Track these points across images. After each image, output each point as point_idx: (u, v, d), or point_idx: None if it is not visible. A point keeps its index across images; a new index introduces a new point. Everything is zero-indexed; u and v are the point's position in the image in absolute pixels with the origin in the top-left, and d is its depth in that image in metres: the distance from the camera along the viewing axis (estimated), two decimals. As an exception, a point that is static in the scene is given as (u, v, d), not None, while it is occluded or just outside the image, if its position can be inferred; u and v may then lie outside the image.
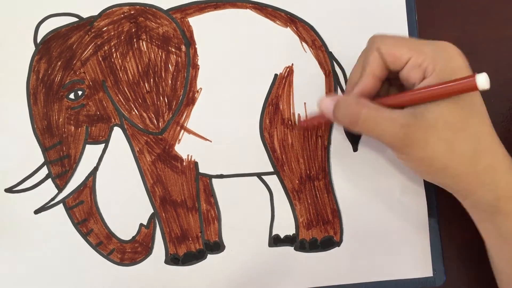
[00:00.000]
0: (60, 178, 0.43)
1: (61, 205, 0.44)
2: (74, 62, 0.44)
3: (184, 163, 0.44)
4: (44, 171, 0.43)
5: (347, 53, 0.44)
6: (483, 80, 0.31)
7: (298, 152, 0.44)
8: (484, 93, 0.45)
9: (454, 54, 0.35)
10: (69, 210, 0.43)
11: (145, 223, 0.44)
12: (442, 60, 0.34)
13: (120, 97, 0.44)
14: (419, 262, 0.44)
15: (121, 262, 0.44)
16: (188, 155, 0.44)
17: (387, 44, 0.36)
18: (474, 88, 0.32)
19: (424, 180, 0.44)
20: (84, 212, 0.44)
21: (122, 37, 0.44)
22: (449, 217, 0.44)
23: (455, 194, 0.38)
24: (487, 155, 0.35)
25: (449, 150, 0.34)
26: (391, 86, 0.40)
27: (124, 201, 0.44)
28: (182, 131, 0.44)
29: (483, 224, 0.38)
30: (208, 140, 0.44)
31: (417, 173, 0.39)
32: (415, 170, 0.38)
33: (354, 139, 0.44)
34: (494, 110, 0.44)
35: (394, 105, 0.36)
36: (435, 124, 0.34)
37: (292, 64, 0.44)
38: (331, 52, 0.45)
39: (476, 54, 0.45)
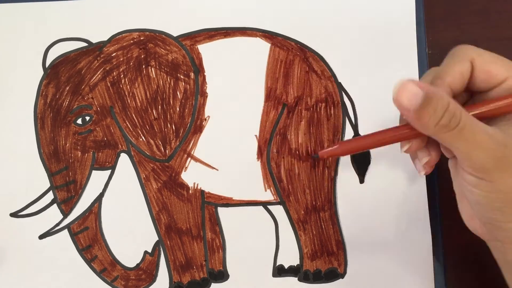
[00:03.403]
0: (66, 204, 0.43)
1: (66, 230, 0.44)
2: (83, 87, 0.44)
3: (190, 191, 0.44)
4: (50, 196, 0.43)
5: (356, 84, 0.44)
6: None
7: (305, 183, 0.44)
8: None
9: None
10: (74, 236, 0.43)
11: (149, 250, 0.44)
12: None
13: (127, 123, 0.44)
14: (423, 296, 0.44)
15: (125, 289, 0.44)
16: (194, 183, 0.44)
17: (484, 59, 0.32)
18: None
19: (429, 214, 0.44)
20: (88, 238, 0.44)
21: (131, 63, 0.44)
22: (454, 252, 0.44)
23: (494, 243, 0.34)
24: None
25: None
26: None
27: (129, 228, 0.44)
28: (189, 159, 0.44)
29: None
30: (214, 168, 0.44)
31: (485, 209, 0.32)
32: (487, 204, 0.31)
33: (361, 171, 0.44)
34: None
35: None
36: None
37: (301, 94, 0.44)
38: (340, 83, 0.45)
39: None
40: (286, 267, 0.44)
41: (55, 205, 0.43)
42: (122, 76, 0.44)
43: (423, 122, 0.29)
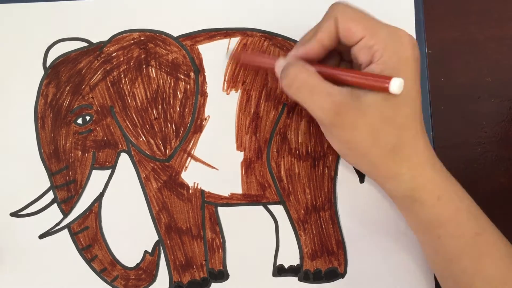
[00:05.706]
0: (66, 203, 0.43)
1: (66, 230, 0.44)
2: (83, 87, 0.44)
3: (190, 191, 0.44)
4: (50, 195, 0.43)
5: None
6: (395, 86, 0.32)
7: (305, 182, 0.44)
8: (484, 93, 0.45)
9: (407, 44, 0.34)
10: (74, 235, 0.43)
11: (149, 250, 0.44)
12: (392, 48, 0.34)
13: (127, 123, 0.44)
14: (423, 296, 0.44)
15: (125, 289, 0.44)
16: (194, 183, 0.44)
17: (345, 17, 0.35)
18: (386, 90, 0.33)
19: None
20: (88, 238, 0.44)
21: (131, 63, 0.44)
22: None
23: (374, 180, 0.39)
24: (407, 147, 0.35)
25: (373, 138, 0.34)
26: (342, 61, 0.40)
27: (129, 227, 0.44)
28: (189, 158, 0.44)
29: (404, 212, 0.39)
30: (215, 168, 0.44)
31: (340, 154, 0.39)
32: (338, 151, 0.38)
33: (361, 170, 0.44)
34: (494, 110, 0.45)
35: (325, 76, 0.36)
36: (367, 110, 0.34)
37: (301, 94, 0.44)
38: (340, 83, 0.45)
39: (476, 54, 0.46)
40: (286, 267, 0.44)
41: (55, 205, 0.43)
42: (122, 76, 0.44)
43: (281, 83, 0.37)
